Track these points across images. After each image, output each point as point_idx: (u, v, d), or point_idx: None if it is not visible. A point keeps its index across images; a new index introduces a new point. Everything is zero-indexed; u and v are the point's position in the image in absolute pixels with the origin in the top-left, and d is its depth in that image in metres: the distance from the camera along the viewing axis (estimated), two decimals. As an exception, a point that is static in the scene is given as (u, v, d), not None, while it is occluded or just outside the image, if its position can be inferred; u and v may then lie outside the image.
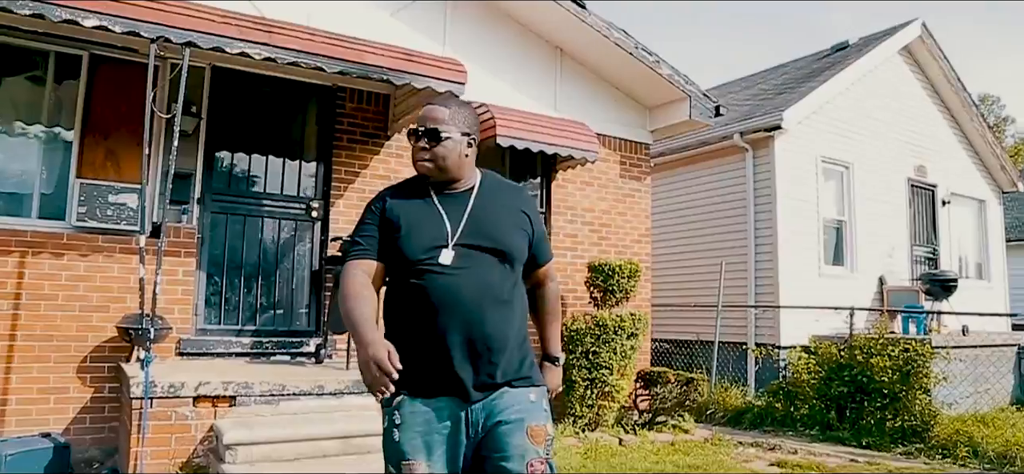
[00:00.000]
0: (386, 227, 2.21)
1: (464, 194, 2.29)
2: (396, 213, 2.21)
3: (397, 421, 2.12)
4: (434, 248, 2.15)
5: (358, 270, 2.17)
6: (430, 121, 2.24)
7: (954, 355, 8.67)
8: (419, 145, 2.25)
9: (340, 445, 4.64)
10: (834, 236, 11.58)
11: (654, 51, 8.06)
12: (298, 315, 6.52)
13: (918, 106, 12.93)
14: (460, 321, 2.10)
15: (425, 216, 2.21)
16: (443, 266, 2.13)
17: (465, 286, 2.12)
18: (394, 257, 2.18)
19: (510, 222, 2.29)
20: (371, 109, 6.86)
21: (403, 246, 2.15)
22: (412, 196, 2.27)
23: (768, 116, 10.67)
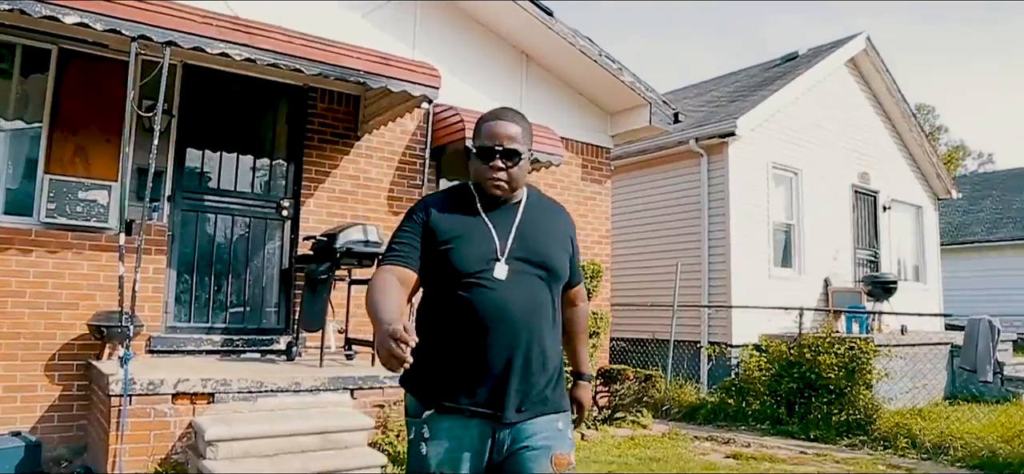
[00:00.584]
0: (429, 238, 2.12)
1: (511, 209, 2.21)
2: (442, 224, 2.13)
3: (426, 435, 2.06)
4: (485, 262, 2.08)
5: (390, 274, 2.09)
6: (507, 140, 2.14)
7: (894, 353, 9.14)
8: (493, 164, 2.14)
9: (318, 440, 4.74)
10: (783, 239, 12.04)
11: (617, 59, 8.31)
12: (268, 313, 6.56)
13: (862, 116, 13.52)
14: (508, 338, 2.04)
15: (473, 229, 2.13)
16: (495, 280, 2.07)
17: (514, 302, 2.07)
18: (440, 269, 2.09)
19: (555, 240, 2.24)
20: (342, 110, 6.93)
21: (453, 258, 2.08)
22: (457, 208, 2.19)
23: (722, 123, 11.05)
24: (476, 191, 2.21)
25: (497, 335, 2.03)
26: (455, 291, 2.07)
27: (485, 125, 2.19)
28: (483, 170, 2.15)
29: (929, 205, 15.08)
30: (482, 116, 2.25)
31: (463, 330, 2.05)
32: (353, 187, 6.95)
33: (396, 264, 2.11)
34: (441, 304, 2.11)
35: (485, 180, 2.15)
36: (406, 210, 2.30)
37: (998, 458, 6.64)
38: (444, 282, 2.09)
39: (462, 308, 2.05)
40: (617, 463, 6.20)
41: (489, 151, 2.13)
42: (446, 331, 2.08)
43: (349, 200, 6.90)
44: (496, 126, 2.16)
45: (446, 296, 2.09)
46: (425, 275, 2.14)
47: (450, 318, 2.08)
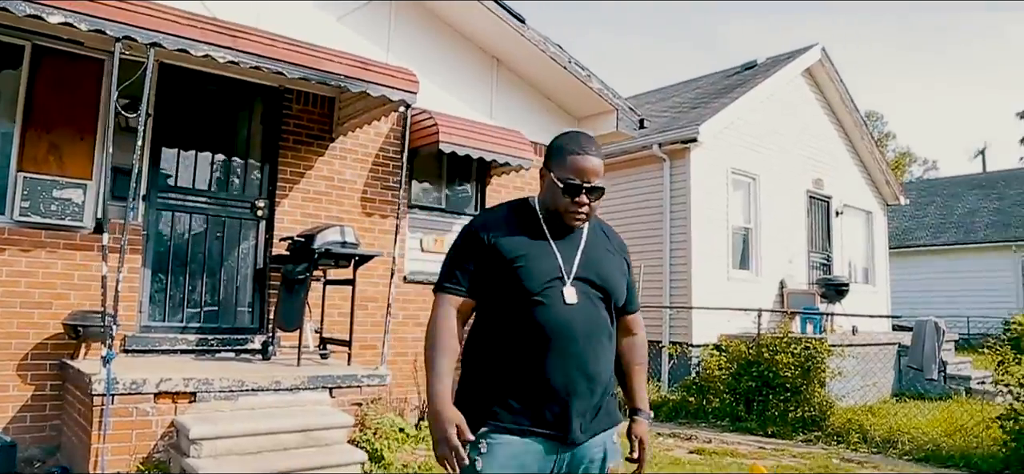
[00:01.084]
0: (493, 258, 2.11)
1: (577, 232, 2.22)
2: (506, 245, 2.12)
3: (482, 450, 2.02)
4: (552, 282, 2.09)
5: (450, 309, 2.11)
6: (594, 176, 2.14)
7: (846, 353, 9.54)
8: (578, 200, 2.14)
9: (300, 438, 4.83)
10: (742, 242, 12.42)
11: (586, 66, 8.52)
12: (242, 312, 6.59)
13: (817, 124, 14.00)
14: (573, 358, 2.06)
15: (539, 250, 2.14)
16: (563, 302, 2.08)
17: (579, 323, 2.08)
18: (506, 287, 2.08)
19: (615, 266, 2.25)
20: (317, 111, 7.00)
21: (522, 277, 2.07)
22: (522, 228, 2.18)
23: (685, 129, 11.36)
24: (542, 213, 2.20)
25: (562, 355, 2.04)
26: (520, 310, 2.06)
27: (571, 158, 2.14)
28: (566, 203, 2.13)
29: (879, 211, 15.67)
30: (564, 145, 2.19)
31: (527, 349, 2.05)
32: (327, 188, 7.02)
33: (457, 294, 2.13)
34: (503, 322, 2.10)
35: (566, 212, 2.14)
36: (460, 232, 2.25)
37: (942, 451, 7.03)
38: (509, 300, 2.08)
39: (527, 327, 2.05)
40: (586, 459, 6.39)
41: (577, 188, 2.12)
42: (508, 349, 2.08)
43: (323, 201, 6.97)
44: (585, 161, 2.13)
45: (510, 314, 2.08)
46: (486, 293, 2.13)
47: (513, 336, 2.07)
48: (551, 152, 2.21)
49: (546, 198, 2.19)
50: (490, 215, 2.25)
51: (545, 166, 2.21)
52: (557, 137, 2.25)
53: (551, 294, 2.07)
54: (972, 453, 6.87)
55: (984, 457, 6.74)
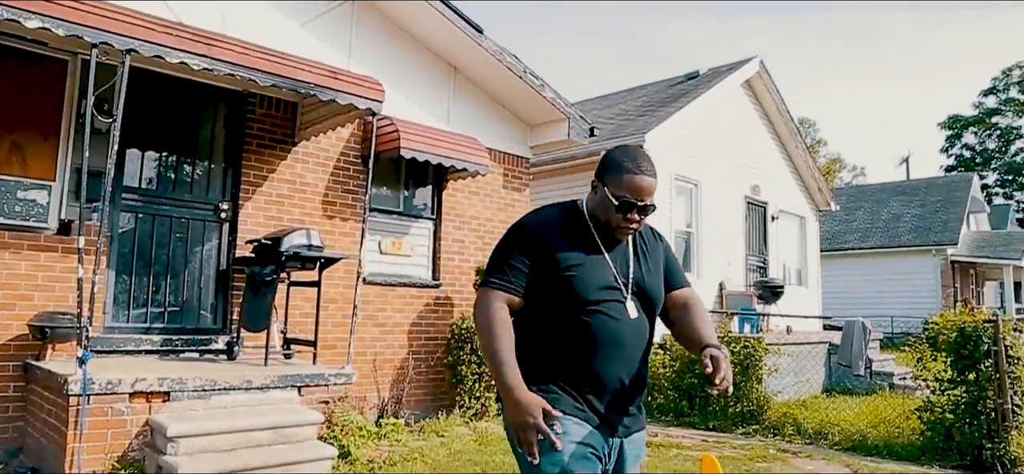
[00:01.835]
0: (546, 260, 2.17)
1: (628, 242, 2.31)
2: (561, 250, 2.18)
3: (558, 431, 2.04)
4: (605, 290, 2.17)
5: (501, 302, 2.15)
6: (649, 195, 2.19)
7: (782, 351, 10.11)
8: (630, 217, 2.19)
9: (272, 435, 5.00)
10: (684, 245, 12.94)
11: (540, 76, 8.84)
12: (205, 313, 6.68)
13: (755, 133, 14.67)
14: (620, 362, 2.16)
15: (592, 259, 2.20)
16: (617, 315, 2.17)
17: (627, 330, 2.18)
18: (559, 293, 2.15)
19: (658, 272, 2.35)
20: (280, 116, 7.12)
21: (576, 286, 2.14)
22: (573, 235, 2.24)
23: (632, 137, 11.79)
24: (591, 220, 2.26)
25: (613, 360, 2.15)
26: (575, 316, 2.14)
27: (628, 176, 2.18)
28: (618, 219, 2.19)
29: (811, 216, 16.48)
30: (620, 161, 2.22)
31: (581, 350, 2.14)
32: (289, 191, 7.15)
33: (507, 291, 2.17)
34: (556, 324, 2.16)
35: (619, 227, 2.21)
36: (509, 231, 2.28)
37: (868, 441, 7.60)
38: (562, 305, 2.15)
39: (583, 333, 2.14)
40: (542, 453, 6.70)
41: (631, 205, 2.17)
42: (563, 349, 2.15)
43: (285, 204, 7.10)
44: (641, 180, 2.17)
45: (563, 318, 2.15)
46: (536, 294, 2.18)
47: (568, 339, 2.15)
48: (607, 166, 2.24)
49: (598, 210, 2.23)
50: (542, 216, 2.28)
51: (599, 177, 2.25)
52: (613, 152, 2.29)
53: (604, 304, 2.15)
54: (894, 442, 7.45)
55: (904, 446, 7.32)
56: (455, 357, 8.08)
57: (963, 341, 6.90)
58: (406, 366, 7.96)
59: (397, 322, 8.01)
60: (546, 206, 2.36)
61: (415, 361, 8.04)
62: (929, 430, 7.14)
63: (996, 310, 14.62)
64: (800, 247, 16.21)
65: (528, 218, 2.28)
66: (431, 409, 8.02)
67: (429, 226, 8.59)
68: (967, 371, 6.87)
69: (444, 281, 8.55)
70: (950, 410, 6.96)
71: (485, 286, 2.19)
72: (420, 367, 8.10)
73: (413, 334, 8.13)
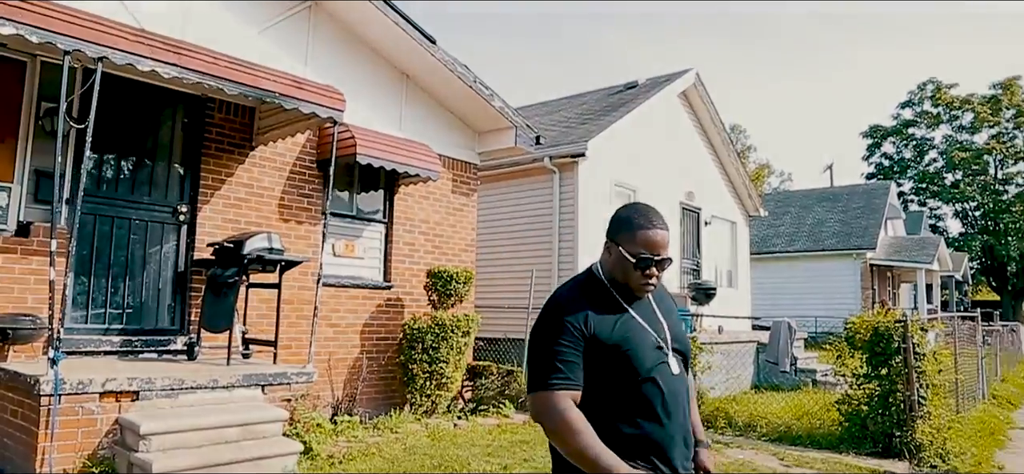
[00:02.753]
0: (595, 346, 2.11)
1: (643, 299, 2.28)
2: (601, 332, 2.12)
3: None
4: (656, 358, 2.15)
5: (570, 402, 2.07)
6: (664, 249, 2.18)
7: (715, 349, 10.72)
8: (649, 273, 2.18)
9: (240, 432, 5.20)
10: (622, 249, 13.46)
11: (489, 86, 9.19)
12: (164, 314, 6.78)
13: (690, 141, 15.35)
14: (679, 424, 2.16)
15: (633, 327, 2.18)
16: (670, 375, 2.16)
17: (680, 391, 2.18)
18: (615, 370, 2.11)
19: (680, 323, 2.35)
20: (238, 120, 7.27)
21: (634, 359, 2.11)
22: (605, 307, 2.18)
23: (574, 144, 12.25)
24: (612, 285, 2.23)
25: (670, 422, 2.13)
26: (633, 387, 2.11)
27: (641, 233, 2.18)
28: (637, 277, 2.18)
29: (742, 221, 17.30)
30: (632, 218, 2.23)
31: (642, 423, 2.11)
32: (247, 195, 7.30)
33: (570, 389, 2.09)
34: (613, 397, 2.12)
35: (638, 285, 2.19)
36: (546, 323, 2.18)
37: (793, 432, 8.22)
38: (618, 381, 2.12)
39: (642, 403, 2.11)
40: (492, 446, 7.06)
41: (649, 261, 2.16)
42: (624, 421, 2.11)
43: (243, 207, 7.25)
44: (655, 235, 2.17)
45: (621, 391, 2.12)
46: (589, 377, 2.12)
47: (627, 412, 2.11)
48: (619, 225, 2.24)
49: (615, 271, 2.22)
50: (571, 300, 2.19)
51: (611, 238, 2.25)
52: (622, 210, 2.30)
53: (659, 369, 2.14)
54: (816, 432, 8.08)
55: (825, 435, 7.96)
56: (407, 356, 8.35)
57: (877, 340, 7.55)
58: (359, 365, 8.19)
59: (350, 323, 8.24)
60: (563, 287, 2.29)
61: (368, 360, 8.28)
62: (847, 421, 7.78)
63: (908, 310, 15.68)
64: (731, 251, 17.01)
65: (560, 305, 2.18)
66: (383, 407, 8.27)
67: (381, 229, 8.83)
68: (880, 367, 7.53)
69: (395, 283, 8.81)
70: (865, 402, 7.61)
71: (546, 389, 2.08)
72: (372, 366, 8.34)
73: (366, 334, 8.37)
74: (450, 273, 8.65)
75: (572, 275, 7.19)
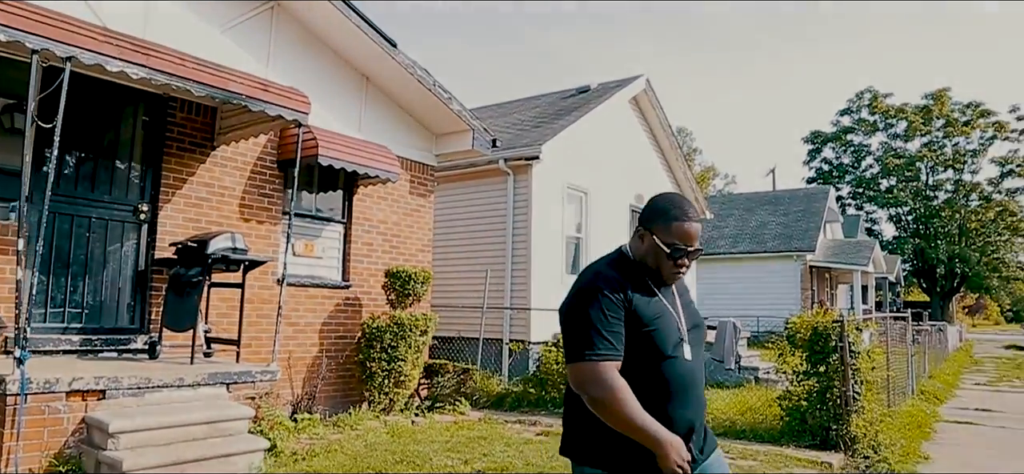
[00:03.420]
0: (633, 319, 2.21)
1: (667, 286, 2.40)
2: (639, 307, 2.23)
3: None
4: (677, 339, 2.28)
5: (616, 372, 2.16)
6: (696, 240, 2.29)
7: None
8: (680, 262, 2.29)
9: (207, 429, 5.28)
10: (573, 250, 13.80)
11: (448, 90, 9.37)
12: (123, 313, 6.78)
13: (640, 145, 15.78)
14: (693, 403, 2.28)
15: (661, 309, 2.30)
16: (684, 357, 2.28)
17: (697, 372, 2.32)
18: (642, 348, 2.21)
19: (697, 312, 2.49)
20: (200, 120, 7.29)
21: (657, 340, 2.22)
22: (641, 287, 2.29)
23: (529, 148, 12.51)
24: (643, 270, 2.34)
25: (685, 401, 2.25)
26: (653, 366, 2.23)
27: (676, 224, 2.27)
28: (669, 266, 2.29)
29: (688, 223, 17.79)
30: (668, 209, 2.32)
31: (660, 400, 2.21)
32: (208, 194, 7.34)
33: (615, 360, 2.18)
34: (639, 378, 2.20)
35: (669, 273, 2.31)
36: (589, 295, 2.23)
37: (737, 426, 8.62)
38: (645, 359, 2.22)
39: (659, 381, 2.22)
40: (451, 442, 7.25)
41: (682, 251, 2.26)
42: (645, 397, 2.18)
43: (204, 207, 7.28)
44: (690, 227, 2.27)
45: (644, 370, 2.21)
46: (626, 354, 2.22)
47: (649, 387, 2.21)
48: (654, 214, 2.33)
49: (647, 257, 2.32)
50: (611, 275, 2.28)
51: (644, 227, 2.34)
52: (657, 199, 2.39)
53: (678, 351, 2.27)
54: (759, 427, 8.49)
55: (767, 430, 8.37)
56: (366, 355, 8.47)
57: (816, 339, 7.99)
58: (318, 364, 8.29)
59: (309, 322, 8.32)
60: (598, 262, 2.39)
61: (327, 359, 8.38)
62: (787, 416, 8.20)
63: (845, 311, 16.38)
64: (678, 252, 17.49)
65: (600, 280, 2.25)
66: (342, 404, 8.38)
67: (340, 229, 8.93)
68: (818, 364, 7.97)
69: (354, 282, 8.92)
70: (805, 398, 8.04)
71: (592, 360, 2.16)
72: (331, 364, 8.44)
73: (324, 333, 8.47)
74: (409, 273, 8.81)
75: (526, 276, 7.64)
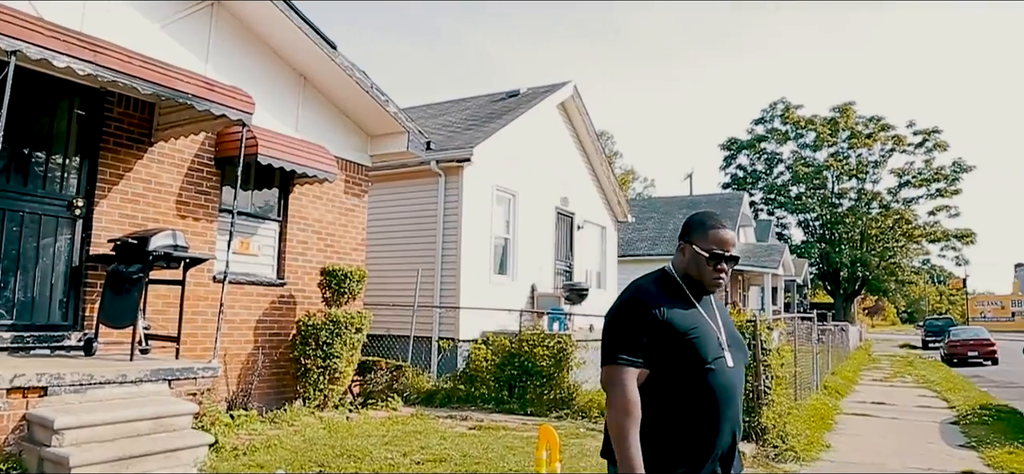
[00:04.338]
0: (667, 332, 2.33)
1: (708, 299, 2.54)
2: (675, 319, 2.36)
3: None
4: (718, 349, 2.39)
5: (632, 381, 2.28)
6: (733, 246, 2.47)
7: (589, 346, 11.56)
8: (719, 268, 2.45)
9: (152, 425, 5.35)
10: (501, 250, 14.15)
11: (385, 92, 9.55)
12: (56, 310, 6.70)
13: (566, 149, 16.27)
14: (732, 414, 2.37)
15: (700, 320, 2.43)
16: (727, 367, 2.39)
17: (737, 383, 2.42)
18: (682, 357, 2.32)
19: (734, 327, 2.60)
20: (137, 115, 7.26)
21: (699, 348, 2.34)
22: (678, 300, 2.44)
23: (461, 150, 12.78)
24: (685, 282, 2.50)
25: (729, 411, 2.36)
26: (696, 375, 2.33)
27: (713, 232, 2.48)
28: (709, 271, 2.45)
29: (611, 225, 18.45)
30: (704, 220, 2.54)
31: (703, 409, 2.32)
32: (145, 190, 7.31)
33: (635, 367, 2.31)
34: (678, 385, 2.33)
35: (710, 279, 2.46)
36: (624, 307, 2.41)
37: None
38: (683, 367, 2.33)
39: (704, 390, 2.33)
40: (388, 436, 7.47)
41: (720, 257, 2.44)
42: (686, 409, 2.32)
43: (141, 203, 7.26)
44: (726, 233, 2.48)
45: (685, 379, 2.33)
46: (657, 362, 2.33)
47: (691, 398, 2.33)
48: (692, 227, 2.54)
49: (689, 268, 2.50)
50: (650, 290, 2.45)
51: (684, 239, 2.54)
52: (694, 215, 2.61)
53: (720, 361, 2.38)
54: (677, 421, 9.03)
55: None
56: (301, 352, 8.57)
57: (731, 338, 8.59)
58: (254, 361, 8.35)
59: (244, 318, 8.37)
60: (643, 279, 2.54)
61: (262, 356, 8.44)
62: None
63: (756, 311, 17.31)
64: (601, 253, 18.12)
65: (639, 293, 2.44)
66: (276, 401, 8.47)
67: (275, 228, 8.99)
68: (733, 362, 8.56)
69: (289, 280, 9.00)
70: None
71: (618, 364, 2.32)
72: (266, 361, 8.51)
73: (259, 330, 8.53)
74: (345, 271, 8.95)
75: (456, 275, 8.10)
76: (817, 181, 51.14)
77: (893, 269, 50.24)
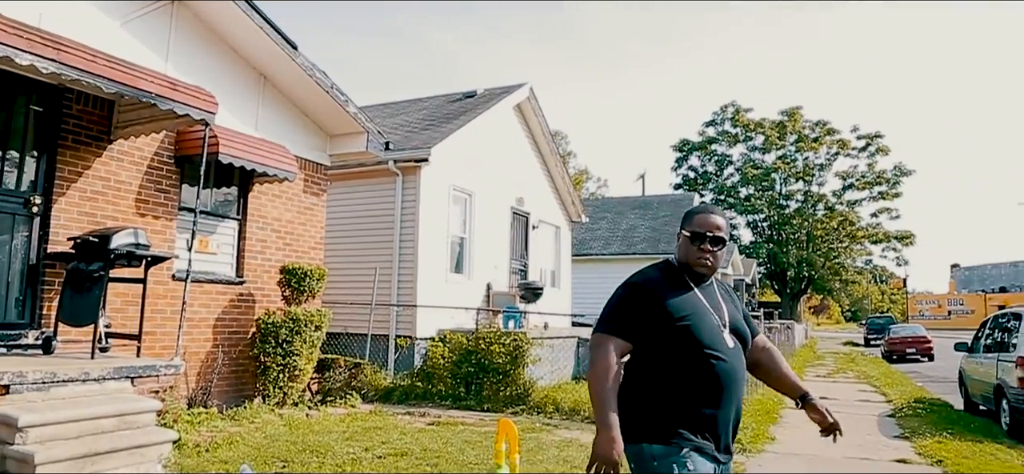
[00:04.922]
0: (662, 313, 2.51)
1: (709, 286, 2.69)
2: (671, 302, 2.54)
3: (689, 467, 2.40)
4: (717, 333, 2.53)
5: (613, 347, 2.50)
6: (717, 229, 2.63)
7: (544, 344, 11.85)
8: (704, 248, 2.62)
9: (116, 422, 5.40)
10: (458, 249, 14.33)
11: (345, 92, 9.65)
12: (12, 309, 6.66)
13: (522, 150, 16.52)
14: (731, 397, 2.51)
15: (698, 305, 2.57)
16: (727, 350, 2.52)
17: (736, 368, 2.54)
18: (679, 339, 2.48)
19: (741, 314, 2.73)
20: (97, 113, 7.24)
21: (695, 331, 2.49)
22: (677, 286, 2.61)
23: (419, 150, 12.91)
24: (683, 269, 2.69)
25: (723, 394, 2.50)
26: (694, 357, 2.48)
27: (697, 217, 2.68)
28: (693, 251, 2.64)
29: (565, 225, 18.77)
30: (693, 210, 2.76)
31: (704, 389, 2.48)
32: (104, 188, 7.30)
33: (619, 337, 2.53)
34: (676, 366, 2.49)
35: (695, 260, 2.64)
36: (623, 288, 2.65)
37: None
38: (681, 349, 2.50)
39: (704, 371, 2.48)
40: (348, 432, 7.60)
41: (702, 236, 2.62)
42: (684, 389, 2.48)
43: (100, 200, 7.24)
44: (708, 218, 2.67)
45: (683, 360, 2.49)
46: (655, 341, 2.52)
47: (689, 379, 2.48)
48: (685, 217, 2.76)
49: (680, 253, 2.72)
50: (650, 275, 2.67)
51: (679, 229, 2.76)
52: (689, 208, 2.87)
53: (718, 344, 2.53)
54: (629, 416, 9.35)
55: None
56: (260, 350, 8.64)
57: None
58: (213, 358, 8.38)
59: (203, 317, 8.40)
60: (649, 267, 2.76)
61: (222, 354, 8.48)
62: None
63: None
64: (555, 253, 18.43)
65: (638, 277, 2.67)
66: (235, 398, 8.51)
67: (234, 226, 9.02)
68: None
69: (248, 278, 9.04)
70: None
71: (604, 332, 2.56)
72: (225, 359, 8.55)
73: (218, 328, 8.56)
74: (305, 270, 9.04)
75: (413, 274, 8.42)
76: (765, 183, 52.50)
77: (837, 269, 51.84)
